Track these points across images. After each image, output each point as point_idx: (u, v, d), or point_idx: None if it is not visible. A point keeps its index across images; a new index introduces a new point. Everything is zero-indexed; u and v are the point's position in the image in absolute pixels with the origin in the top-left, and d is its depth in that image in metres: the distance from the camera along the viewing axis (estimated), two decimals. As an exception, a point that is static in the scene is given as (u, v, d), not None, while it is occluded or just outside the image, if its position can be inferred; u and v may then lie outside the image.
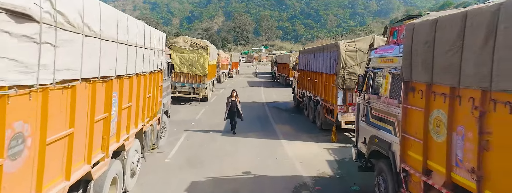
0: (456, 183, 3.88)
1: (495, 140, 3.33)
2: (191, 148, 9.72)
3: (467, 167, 3.66)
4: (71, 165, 3.78)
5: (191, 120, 13.73)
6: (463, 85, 3.72)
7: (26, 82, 2.81)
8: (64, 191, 3.66)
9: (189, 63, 17.44)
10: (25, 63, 2.77)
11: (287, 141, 10.78)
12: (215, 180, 7.23)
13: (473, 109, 3.56)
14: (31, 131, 3.01)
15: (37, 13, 2.84)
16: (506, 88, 3.11)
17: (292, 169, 8.09)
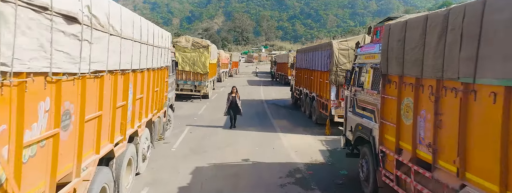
0: (419, 157, 4.68)
1: (445, 119, 4.14)
2: (194, 139, 10.52)
3: (426, 143, 4.47)
4: (100, 142, 4.59)
5: (193, 115, 14.54)
6: (425, 76, 4.52)
7: (72, 70, 3.61)
8: (95, 163, 4.47)
9: (191, 62, 18.24)
10: (72, 56, 3.58)
11: (284, 133, 11.59)
12: (217, 166, 8.04)
13: (431, 95, 4.37)
14: (74, 110, 3.82)
15: (80, 17, 3.64)
16: (452, 77, 3.91)
17: (287, 157, 8.90)
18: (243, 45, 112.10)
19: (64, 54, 3.39)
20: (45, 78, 3.15)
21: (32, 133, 2.98)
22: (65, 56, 3.42)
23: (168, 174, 7.34)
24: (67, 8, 3.35)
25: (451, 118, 4.02)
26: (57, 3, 3.12)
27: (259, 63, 70.21)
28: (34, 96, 2.99)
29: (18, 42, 2.61)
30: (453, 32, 3.92)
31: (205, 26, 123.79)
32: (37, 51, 2.93)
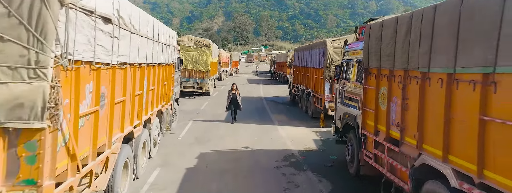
0: (391, 136, 5.61)
1: (410, 103, 5.07)
2: (198, 130, 11.45)
3: (396, 123, 5.40)
4: (124, 123, 5.52)
5: (196, 110, 15.47)
6: (396, 68, 5.45)
7: (106, 61, 4.53)
8: (120, 140, 5.40)
9: (193, 60, 19.17)
10: (107, 49, 4.51)
11: (281, 126, 12.52)
12: (219, 152, 8.97)
13: (399, 83, 5.30)
14: (107, 94, 4.75)
15: (113, 18, 4.57)
16: (414, 68, 4.84)
17: (283, 145, 9.83)
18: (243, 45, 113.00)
19: (102, 48, 4.32)
20: (90, 66, 4.08)
21: (82, 108, 3.91)
22: (102, 49, 4.35)
23: (176, 158, 8.26)
24: (105, 11, 4.29)
25: (413, 101, 4.95)
26: (99, 8, 4.05)
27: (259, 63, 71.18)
28: (84, 79, 3.92)
29: (77, 37, 3.55)
30: (415, 32, 4.86)
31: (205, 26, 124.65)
32: (86, 45, 3.87)
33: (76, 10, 3.46)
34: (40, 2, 3.05)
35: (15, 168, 3.05)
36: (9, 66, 3.00)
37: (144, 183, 6.55)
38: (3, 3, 2.96)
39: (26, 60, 3.04)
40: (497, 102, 3.41)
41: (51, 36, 3.12)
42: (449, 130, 4.10)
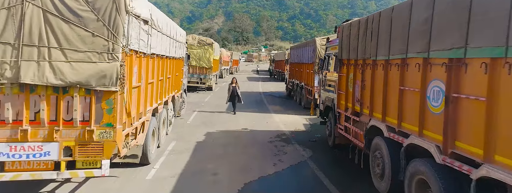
0: (355, 110, 7.45)
1: (366, 83, 6.92)
2: (203, 117, 13.30)
3: (357, 100, 7.25)
4: (152, 100, 7.37)
5: (200, 102, 17.33)
6: (358, 58, 7.30)
7: (144, 51, 6.38)
8: (150, 112, 7.23)
9: (197, 57, 21.01)
10: (145, 43, 6.36)
11: (276, 114, 14.38)
12: (223, 131, 10.82)
13: (360, 69, 7.16)
14: (144, 75, 6.59)
15: (149, 20, 6.43)
16: (368, 57, 6.70)
17: (277, 127, 11.68)
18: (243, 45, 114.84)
19: (142, 41, 6.17)
20: (136, 54, 5.93)
21: (133, 83, 5.75)
22: (143, 43, 6.20)
23: (188, 135, 10.10)
24: (145, 15, 6.15)
25: (368, 82, 6.80)
26: (142, 13, 5.91)
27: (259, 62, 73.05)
28: (133, 63, 5.76)
29: (131, 34, 5.40)
30: (369, 31, 6.72)
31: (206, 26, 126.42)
32: (135, 39, 5.71)
33: (131, 15, 5.31)
34: (115, 11, 4.91)
35: (100, 116, 4.91)
36: (97, 51, 4.86)
37: (165, 150, 8.39)
38: (94, 12, 4.82)
39: (106, 48, 4.90)
40: (408, 77, 5.25)
41: (121, 33, 4.98)
42: (386, 100, 5.96)
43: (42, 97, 4.75)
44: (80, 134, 4.87)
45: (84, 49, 4.84)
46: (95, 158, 4.94)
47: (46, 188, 5.89)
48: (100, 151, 4.93)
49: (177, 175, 6.75)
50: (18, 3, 4.61)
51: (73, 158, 4.87)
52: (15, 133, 4.69)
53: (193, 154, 8.26)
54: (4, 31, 4.57)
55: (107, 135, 4.93)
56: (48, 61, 4.70)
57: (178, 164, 7.39)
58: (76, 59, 4.81)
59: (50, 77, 4.69)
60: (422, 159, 4.68)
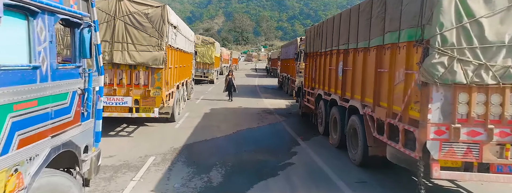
0: (311, 86, 11.33)
1: (316, 68, 10.80)
2: (208, 100, 17.19)
3: (313, 79, 11.14)
4: (176, 79, 11.26)
5: (204, 91, 21.23)
6: (315, 51, 11.19)
7: (174, 46, 10.27)
8: (175, 87, 11.13)
9: (201, 55, 24.86)
10: (174, 41, 10.26)
11: (266, 99, 18.27)
12: (223, 108, 14.70)
13: (314, 58, 11.06)
14: (173, 62, 10.49)
15: (177, 26, 10.33)
16: (317, 50, 10.59)
17: (264, 106, 15.57)
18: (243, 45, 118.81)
19: (172, 39, 10.07)
20: (171, 48, 9.82)
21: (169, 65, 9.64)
22: (172, 40, 10.10)
23: (197, 109, 13.98)
24: (174, 22, 10.06)
25: (318, 66, 10.68)
26: (172, 21, 9.81)
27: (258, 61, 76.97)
28: (169, 53, 9.66)
29: (169, 35, 9.29)
30: (319, 32, 10.61)
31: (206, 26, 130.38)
32: (170, 38, 9.61)
33: (169, 24, 9.20)
34: (162, 22, 8.78)
35: (154, 82, 8.79)
36: (152, 45, 8.74)
37: (183, 116, 12.26)
38: (151, 24, 8.71)
39: (157, 43, 8.78)
40: (332, 61, 9.11)
41: (164, 35, 8.85)
42: (324, 77, 9.84)
43: (123, 71, 8.64)
44: (143, 92, 8.76)
45: (145, 44, 8.73)
46: (150, 106, 8.82)
47: (118, 129, 9.76)
48: (153, 102, 8.81)
49: (193, 127, 10.62)
50: (111, 19, 8.51)
51: (139, 106, 8.76)
52: (109, 91, 8.57)
53: (202, 118, 12.15)
54: (105, 34, 8.48)
55: (157, 93, 8.81)
56: (127, 51, 8.59)
57: (193, 122, 11.26)
58: (141, 50, 8.70)
59: (128, 59, 8.57)
60: (335, 106, 8.58)
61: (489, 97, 4.47)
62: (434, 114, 4.56)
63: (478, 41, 4.41)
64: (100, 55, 4.34)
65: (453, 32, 4.43)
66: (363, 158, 6.68)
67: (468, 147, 4.55)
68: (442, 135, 4.57)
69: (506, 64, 4.39)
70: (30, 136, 2.90)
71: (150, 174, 6.27)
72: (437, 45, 4.46)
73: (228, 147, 8.32)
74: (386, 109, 5.71)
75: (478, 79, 4.43)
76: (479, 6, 4.39)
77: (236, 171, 6.53)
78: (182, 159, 7.19)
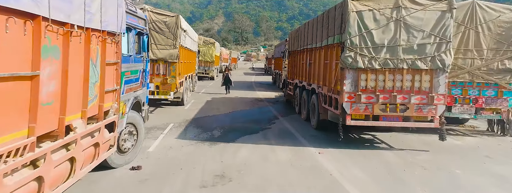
0: (291, 77, 14.55)
1: (294, 63, 14.02)
2: (209, 92, 20.43)
3: (292, 71, 14.36)
4: (185, 71, 14.50)
5: (206, 85, 24.47)
6: (293, 50, 14.42)
7: (184, 46, 13.50)
8: (184, 78, 14.37)
9: (202, 53, 28.05)
10: (184, 41, 13.50)
11: (260, 91, 21.51)
12: (222, 97, 17.93)
13: (293, 55, 14.29)
14: (183, 57, 13.73)
15: (186, 29, 13.58)
16: (296, 49, 13.83)
17: (257, 96, 18.81)
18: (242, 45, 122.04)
19: (183, 40, 13.32)
20: (181, 47, 13.06)
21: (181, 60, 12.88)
22: (183, 41, 13.34)
23: (201, 98, 17.20)
24: (185, 27, 13.30)
25: (295, 61, 13.89)
26: (183, 26, 13.06)
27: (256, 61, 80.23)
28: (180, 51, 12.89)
29: (181, 37, 12.52)
30: (297, 34, 13.85)
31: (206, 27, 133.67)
32: (181, 39, 12.84)
33: (181, 28, 12.43)
34: (176, 27, 12.01)
35: (170, 72, 12.02)
36: (169, 45, 11.97)
37: (189, 102, 15.47)
38: (168, 28, 11.94)
39: (173, 43, 12.01)
40: (310, 57, 12.33)
41: (178, 37, 12.08)
42: (298, 69, 13.05)
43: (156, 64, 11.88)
44: (162, 80, 11.98)
45: (164, 44, 11.95)
46: (167, 90, 12.03)
47: (139, 109, 12.97)
48: (169, 87, 12.03)
49: (198, 109, 13.82)
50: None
51: (159, 90, 11.97)
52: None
53: (205, 103, 15.38)
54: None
55: (172, 81, 12.03)
56: (151, 49, 11.81)
57: (198, 106, 14.48)
58: (161, 48, 11.91)
59: (151, 55, 11.78)
60: (304, 90, 11.82)
61: (377, 76, 7.69)
62: (347, 86, 7.76)
63: (370, 43, 7.62)
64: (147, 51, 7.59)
65: (356, 38, 7.65)
66: (317, 122, 9.89)
67: (366, 106, 7.76)
68: (351, 99, 7.77)
69: (386, 57, 7.60)
70: (128, 88, 6.14)
71: (172, 131, 9.48)
72: (348, 46, 7.67)
73: (225, 120, 11.53)
74: (328, 87, 8.91)
75: (370, 66, 7.64)
76: (370, 23, 7.61)
77: (230, 131, 9.74)
78: (193, 125, 10.40)
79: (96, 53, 4.67)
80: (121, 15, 5.43)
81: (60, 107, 3.81)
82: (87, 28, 4.24)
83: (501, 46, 8.92)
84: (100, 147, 4.94)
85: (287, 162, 6.95)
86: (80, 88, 4.28)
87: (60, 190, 3.94)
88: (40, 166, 3.48)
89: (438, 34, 7.52)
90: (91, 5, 4.29)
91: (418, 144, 8.50)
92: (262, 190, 5.48)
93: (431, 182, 5.92)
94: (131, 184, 5.54)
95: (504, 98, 8.98)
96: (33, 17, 3.17)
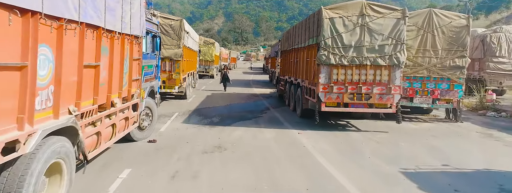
0: (282, 74, 16.38)
1: (286, 60, 15.87)
2: (210, 89, 22.27)
3: (283, 69, 16.20)
4: (188, 68, 16.36)
5: (206, 83, 26.32)
6: (284, 49, 16.27)
7: (187, 46, 15.35)
8: (187, 74, 16.22)
9: (203, 53, 29.89)
10: (186, 42, 15.36)
11: (256, 88, 23.36)
12: (221, 93, 19.78)
13: (284, 54, 16.14)
14: (186, 55, 15.58)
15: (189, 32, 15.43)
16: (286, 48, 15.67)
17: (253, 92, 20.66)
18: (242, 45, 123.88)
19: (186, 41, 15.17)
20: (184, 46, 14.92)
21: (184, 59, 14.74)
22: (186, 42, 15.19)
23: (201, 93, 19.04)
24: (188, 29, 15.16)
25: (287, 60, 15.73)
26: (186, 29, 14.92)
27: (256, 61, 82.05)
28: (185, 50, 14.75)
29: (184, 38, 14.38)
30: (288, 35, 15.70)
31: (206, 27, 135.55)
32: (185, 40, 14.69)
33: (184, 30, 14.28)
34: (180, 29, 13.86)
35: (174, 69, 13.87)
36: (174, 45, 13.81)
37: (191, 96, 17.30)
38: (173, 31, 13.79)
39: (177, 44, 13.86)
40: (296, 56, 14.15)
41: (181, 38, 13.93)
42: (288, 66, 14.89)
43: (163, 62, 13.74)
44: (168, 75, 13.83)
45: (169, 44, 13.79)
46: (172, 85, 13.87)
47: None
48: (174, 82, 13.88)
49: (200, 102, 15.65)
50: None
51: (165, 84, 13.81)
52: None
53: (205, 98, 17.22)
54: (145, 38, 13.62)
55: (177, 76, 13.88)
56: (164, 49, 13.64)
57: (200, 100, 16.31)
58: (167, 48, 13.74)
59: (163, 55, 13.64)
60: (293, 85, 13.68)
61: (346, 71, 9.51)
62: (322, 79, 9.58)
63: (340, 44, 9.45)
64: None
65: (329, 40, 9.47)
66: (301, 111, 11.71)
67: (337, 95, 9.58)
68: (325, 89, 9.59)
69: (353, 55, 9.43)
70: (146, 79, 7.99)
71: (177, 118, 11.31)
72: (322, 46, 9.49)
73: (223, 110, 13.37)
74: (309, 80, 10.73)
75: (340, 62, 9.47)
76: (340, 27, 9.43)
77: (227, 118, 11.56)
78: (195, 114, 12.24)
79: (126, 52, 6.50)
80: (142, 23, 7.27)
81: (108, 87, 5.63)
82: (122, 33, 6.07)
83: (452, 47, 10.75)
84: (128, 120, 6.77)
85: (271, 139, 8.78)
86: (118, 76, 6.10)
87: (108, 144, 5.79)
88: (98, 125, 5.32)
89: (394, 37, 9.35)
90: (125, 17, 6.12)
91: (382, 127, 10.33)
92: (250, 156, 7.29)
93: (379, 151, 7.75)
94: (150, 151, 7.36)
95: (455, 90, 10.81)
96: (96, 28, 4.99)
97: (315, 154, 7.46)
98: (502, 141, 9.06)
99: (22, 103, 3.32)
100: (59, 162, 4.06)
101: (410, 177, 5.97)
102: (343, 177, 5.96)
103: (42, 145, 3.63)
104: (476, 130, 10.33)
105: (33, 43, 3.39)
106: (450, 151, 7.84)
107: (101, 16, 4.99)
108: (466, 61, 10.79)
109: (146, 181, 5.55)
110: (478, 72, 17.44)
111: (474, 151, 8.04)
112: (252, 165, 6.58)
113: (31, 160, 3.44)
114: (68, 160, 4.20)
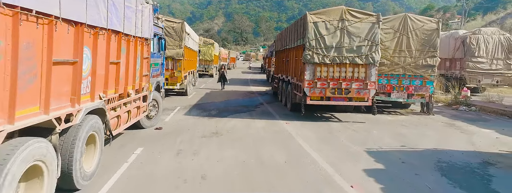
0: (276, 72, 17.77)
1: (279, 60, 17.24)
2: (209, 87, 23.65)
3: (276, 67, 17.59)
4: (189, 67, 17.74)
5: (205, 82, 27.70)
6: (278, 49, 17.66)
7: (188, 46, 16.74)
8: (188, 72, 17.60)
9: (203, 53, 31.26)
10: (187, 42, 16.74)
11: (253, 86, 24.74)
12: (220, 91, 21.16)
13: (278, 54, 17.52)
14: (188, 55, 16.96)
15: (189, 33, 16.82)
16: (279, 48, 17.06)
17: (250, 89, 22.04)
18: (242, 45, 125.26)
19: (187, 42, 16.56)
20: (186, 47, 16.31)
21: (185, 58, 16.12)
22: (187, 42, 16.58)
23: (201, 91, 20.42)
24: (188, 30, 16.55)
25: (280, 59, 17.11)
26: (187, 30, 16.31)
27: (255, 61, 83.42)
28: (185, 51, 16.14)
29: (185, 39, 15.77)
30: (281, 36, 17.08)
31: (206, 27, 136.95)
32: (186, 41, 16.08)
33: (185, 32, 15.67)
34: (182, 31, 15.25)
35: (176, 67, 15.25)
36: (176, 45, 15.20)
37: (191, 93, 18.68)
38: (176, 33, 15.18)
39: (179, 44, 15.25)
40: (287, 56, 15.53)
41: (183, 39, 15.32)
42: (281, 66, 16.27)
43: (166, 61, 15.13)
44: (170, 73, 15.22)
45: (172, 45, 15.17)
46: (174, 82, 15.26)
47: (151, 98, 16.23)
48: (176, 80, 15.26)
49: (199, 98, 17.03)
50: (153, 30, 15.04)
51: (168, 82, 15.19)
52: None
53: (205, 94, 18.61)
54: (149, 39, 15.02)
55: (178, 74, 15.27)
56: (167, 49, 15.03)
57: (199, 96, 17.70)
58: (170, 48, 15.12)
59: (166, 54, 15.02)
60: (284, 82, 15.06)
61: (328, 68, 10.89)
62: (307, 76, 10.96)
63: (323, 45, 10.82)
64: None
65: (313, 41, 10.85)
66: (291, 105, 13.08)
67: (320, 90, 10.95)
68: (310, 85, 10.97)
69: (334, 55, 10.81)
70: (153, 75, 9.39)
71: (179, 111, 12.69)
72: (307, 47, 10.87)
73: (221, 105, 14.75)
74: (297, 77, 12.11)
75: (323, 61, 10.84)
76: (323, 30, 10.81)
77: (223, 111, 12.95)
78: (195, 108, 13.62)
79: (138, 51, 7.88)
80: (151, 27, 8.66)
81: (125, 80, 7.01)
82: (135, 37, 7.45)
83: (424, 48, 12.13)
84: (140, 109, 8.16)
85: (262, 127, 10.16)
86: (132, 72, 7.48)
87: (124, 127, 7.19)
88: (117, 110, 6.70)
89: (370, 39, 10.73)
90: (138, 22, 7.50)
91: (360, 119, 11.71)
92: (242, 140, 8.66)
93: (353, 137, 9.12)
94: (158, 135, 8.74)
95: (427, 86, 12.20)
96: (118, 33, 6.37)
97: (297, 138, 8.83)
98: (460, 129, 10.46)
99: (73, 88, 4.70)
100: (94, 135, 5.43)
101: (371, 155, 7.35)
102: (316, 154, 7.34)
103: (84, 120, 5.00)
104: (442, 121, 11.73)
105: (80, 45, 4.76)
106: (411, 137, 9.23)
107: (121, 23, 6.37)
108: (436, 61, 12.17)
109: (156, 156, 6.94)
110: (459, 71, 18.82)
111: (431, 136, 9.43)
112: (243, 146, 7.96)
113: (78, 129, 4.82)
114: (100, 133, 5.59)
